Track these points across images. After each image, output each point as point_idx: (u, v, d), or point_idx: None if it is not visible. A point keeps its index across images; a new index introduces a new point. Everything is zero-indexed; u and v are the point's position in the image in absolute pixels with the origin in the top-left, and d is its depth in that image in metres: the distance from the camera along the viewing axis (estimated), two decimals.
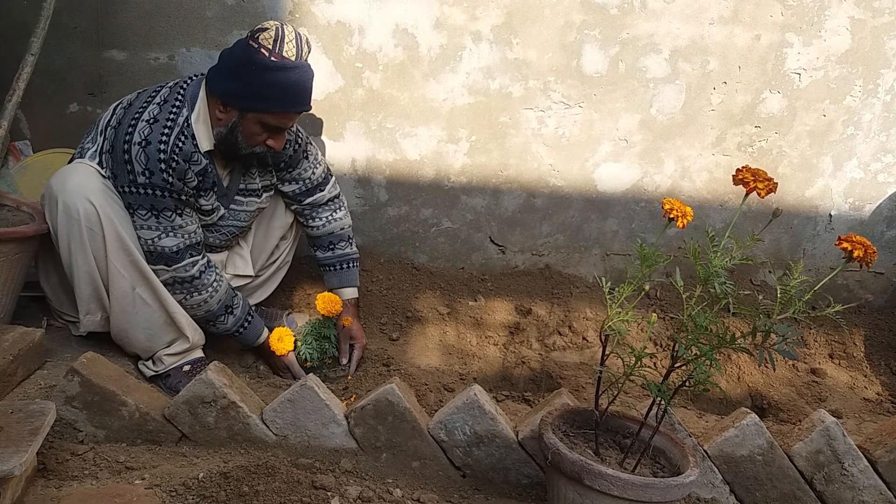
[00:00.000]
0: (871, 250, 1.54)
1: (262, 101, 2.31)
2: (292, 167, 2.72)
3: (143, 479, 1.78)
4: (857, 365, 3.31)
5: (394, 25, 3.06)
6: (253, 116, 2.33)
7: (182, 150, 2.30)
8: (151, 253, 2.34)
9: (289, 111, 2.37)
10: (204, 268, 2.44)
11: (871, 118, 3.35)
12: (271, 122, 2.35)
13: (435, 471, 2.06)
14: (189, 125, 2.33)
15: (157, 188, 2.28)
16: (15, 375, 2.13)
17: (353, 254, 2.92)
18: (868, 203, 3.49)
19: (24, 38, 2.66)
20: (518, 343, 3.15)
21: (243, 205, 2.63)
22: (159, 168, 2.26)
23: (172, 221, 2.34)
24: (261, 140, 2.40)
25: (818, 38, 3.21)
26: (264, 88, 2.29)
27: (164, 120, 2.29)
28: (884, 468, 2.11)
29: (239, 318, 2.57)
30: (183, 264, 2.37)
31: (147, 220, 2.31)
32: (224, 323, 2.54)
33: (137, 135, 2.26)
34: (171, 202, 2.32)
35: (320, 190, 2.82)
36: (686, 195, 3.42)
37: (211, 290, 2.45)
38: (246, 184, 2.61)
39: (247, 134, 2.37)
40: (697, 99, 3.27)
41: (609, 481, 1.63)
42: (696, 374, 1.65)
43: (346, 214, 2.92)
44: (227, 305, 2.52)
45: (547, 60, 3.16)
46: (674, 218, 1.66)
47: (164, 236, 2.33)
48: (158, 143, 2.26)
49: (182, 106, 2.34)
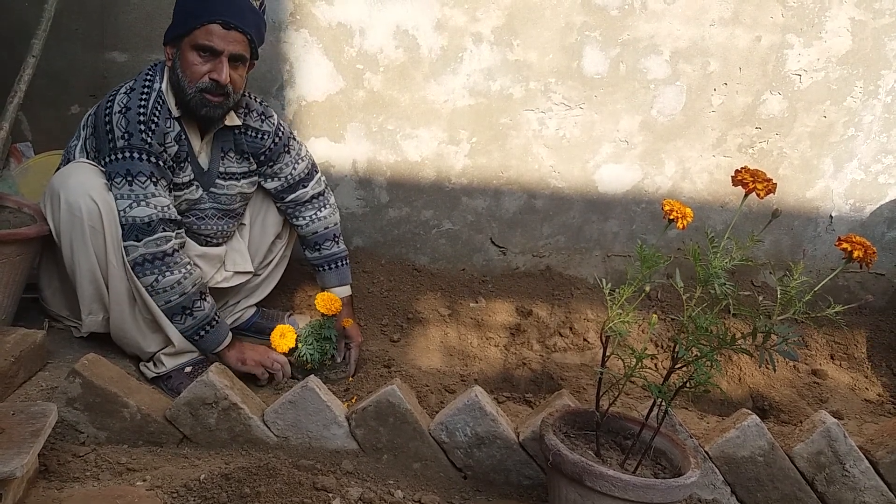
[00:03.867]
0: (871, 251, 1.54)
1: (185, 19, 2.33)
2: (273, 161, 2.71)
3: (145, 480, 1.79)
4: (859, 366, 3.31)
5: (394, 27, 3.07)
6: (186, 44, 2.33)
7: (160, 112, 2.34)
8: (123, 226, 2.30)
9: (206, 21, 2.31)
10: (178, 247, 2.40)
11: (871, 119, 3.35)
12: (200, 42, 2.31)
13: (436, 472, 2.06)
14: (161, 92, 2.37)
15: (136, 149, 2.28)
16: (16, 377, 2.13)
17: (341, 252, 2.90)
18: (869, 204, 3.49)
19: (26, 39, 2.67)
20: (519, 344, 3.15)
21: (224, 188, 2.62)
22: (139, 129, 2.27)
23: (146, 188, 2.30)
24: (201, 72, 2.34)
25: (819, 40, 3.21)
26: (186, 5, 2.34)
27: (140, 88, 2.34)
28: (885, 469, 2.11)
29: (213, 307, 2.48)
30: (154, 237, 2.31)
31: (121, 187, 2.28)
32: (201, 309, 2.42)
33: (116, 105, 2.30)
34: (148, 166, 2.30)
35: (302, 186, 2.80)
36: (687, 196, 3.42)
37: (184, 272, 2.37)
38: (226, 167, 2.61)
39: (185, 67, 2.35)
40: (698, 100, 3.27)
41: (610, 482, 1.63)
42: (697, 375, 1.65)
43: (332, 213, 2.88)
44: (201, 291, 2.44)
45: (548, 62, 3.16)
46: (674, 219, 1.66)
47: (135, 206, 2.28)
48: (138, 107, 2.29)
49: (154, 77, 2.39)
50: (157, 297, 2.36)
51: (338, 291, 2.86)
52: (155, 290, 2.35)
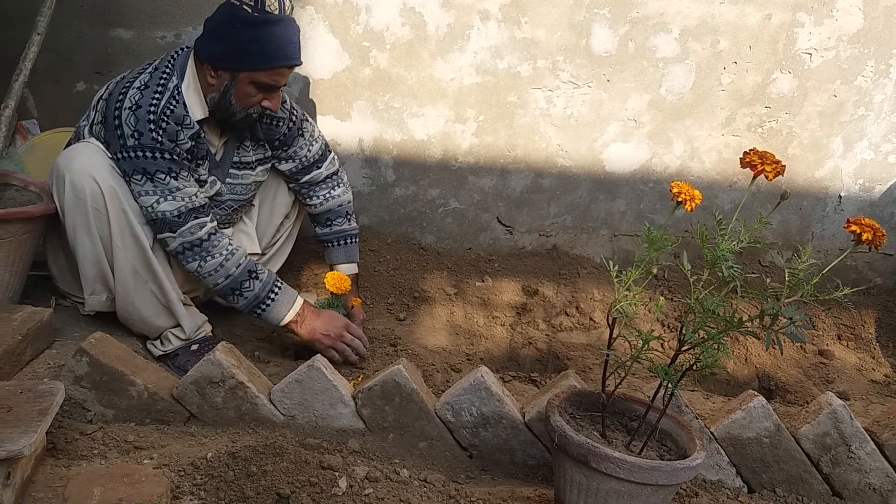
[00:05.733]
0: (881, 233, 1.53)
1: (251, 58, 2.30)
2: (287, 145, 2.71)
3: (152, 458, 1.79)
4: (866, 346, 3.30)
5: (401, 4, 3.04)
6: (244, 76, 2.32)
7: (173, 112, 2.30)
8: (155, 221, 2.32)
9: (278, 66, 2.33)
10: (214, 230, 2.40)
11: (882, 99, 3.31)
12: (264, 80, 2.33)
13: (442, 451, 2.07)
14: (180, 93, 2.33)
15: (147, 149, 2.26)
16: (24, 355, 2.14)
17: (352, 230, 2.91)
18: (878, 184, 3.47)
19: (31, 17, 2.65)
20: (525, 324, 3.15)
21: (238, 178, 2.61)
22: (148, 129, 2.25)
23: (168, 184, 2.30)
24: (255, 101, 2.38)
25: (830, 18, 3.17)
26: (251, 45, 2.27)
27: (155, 86, 2.30)
28: (891, 451, 2.10)
29: (265, 284, 2.46)
30: (188, 226, 2.33)
31: (143, 185, 2.28)
32: (250, 289, 2.42)
33: (128, 101, 2.26)
34: (164, 164, 2.29)
35: (317, 167, 2.81)
36: (695, 176, 3.40)
37: (226, 253, 2.38)
38: (240, 157, 2.60)
39: (240, 96, 2.35)
40: (707, 79, 3.24)
41: (615, 464, 1.64)
42: (704, 357, 1.64)
43: (345, 191, 2.90)
44: (249, 270, 2.43)
45: (556, 40, 3.14)
46: (682, 201, 1.65)
47: (162, 201, 2.29)
48: (149, 105, 2.26)
49: (171, 74, 2.34)
50: (206, 281, 2.41)
51: (344, 268, 2.86)
52: (201, 275, 2.39)
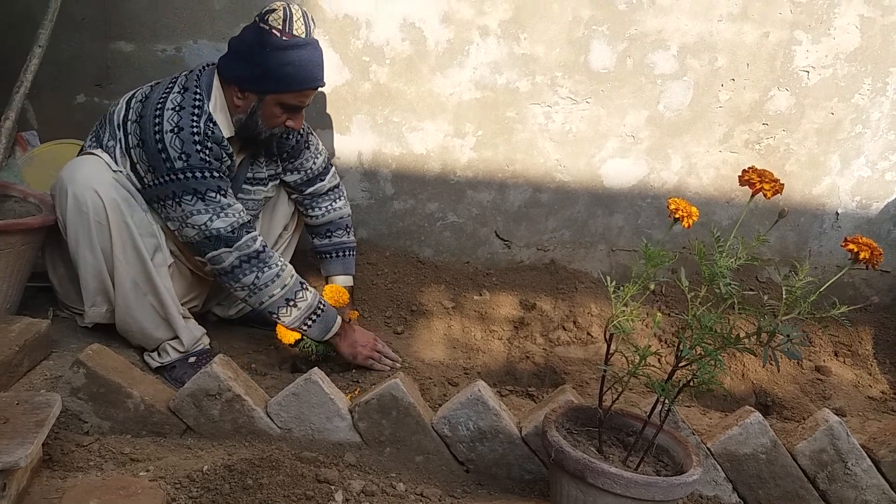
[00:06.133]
0: (878, 252, 1.53)
1: (280, 81, 2.33)
2: (294, 157, 2.75)
3: (148, 470, 1.79)
4: (863, 363, 3.31)
5: (401, 19, 3.06)
6: (272, 98, 2.36)
7: (213, 134, 2.32)
8: (209, 238, 2.32)
9: (306, 88, 2.39)
10: (265, 243, 2.43)
11: (879, 117, 3.33)
12: (290, 102, 2.38)
13: (438, 465, 2.07)
14: (212, 116, 2.35)
15: (196, 169, 2.27)
16: (21, 366, 2.14)
17: (350, 242, 2.95)
18: (875, 201, 3.48)
19: (33, 29, 2.66)
20: (522, 338, 3.15)
21: (250, 193, 2.63)
22: (195, 150, 2.26)
23: (219, 202, 2.31)
24: (280, 121, 2.43)
25: (827, 36, 3.19)
26: (280, 68, 2.31)
27: (191, 107, 2.30)
28: (887, 468, 2.10)
29: (315, 296, 2.48)
30: (244, 240, 2.35)
31: (195, 205, 2.29)
32: (304, 299, 2.44)
33: (167, 123, 2.26)
34: (214, 182, 2.30)
35: (321, 180, 2.84)
36: (693, 192, 3.41)
37: (281, 264, 2.41)
38: (253, 172, 2.63)
39: (267, 116, 2.40)
40: (705, 96, 3.26)
41: (612, 479, 1.64)
42: (701, 373, 1.65)
43: (345, 204, 2.95)
44: (300, 281, 2.47)
45: (554, 56, 3.15)
46: (679, 218, 1.66)
47: (214, 219, 2.30)
48: (191, 127, 2.27)
49: (203, 98, 2.35)
50: (260, 294, 2.39)
51: (340, 280, 2.88)
52: (258, 286, 2.38)
